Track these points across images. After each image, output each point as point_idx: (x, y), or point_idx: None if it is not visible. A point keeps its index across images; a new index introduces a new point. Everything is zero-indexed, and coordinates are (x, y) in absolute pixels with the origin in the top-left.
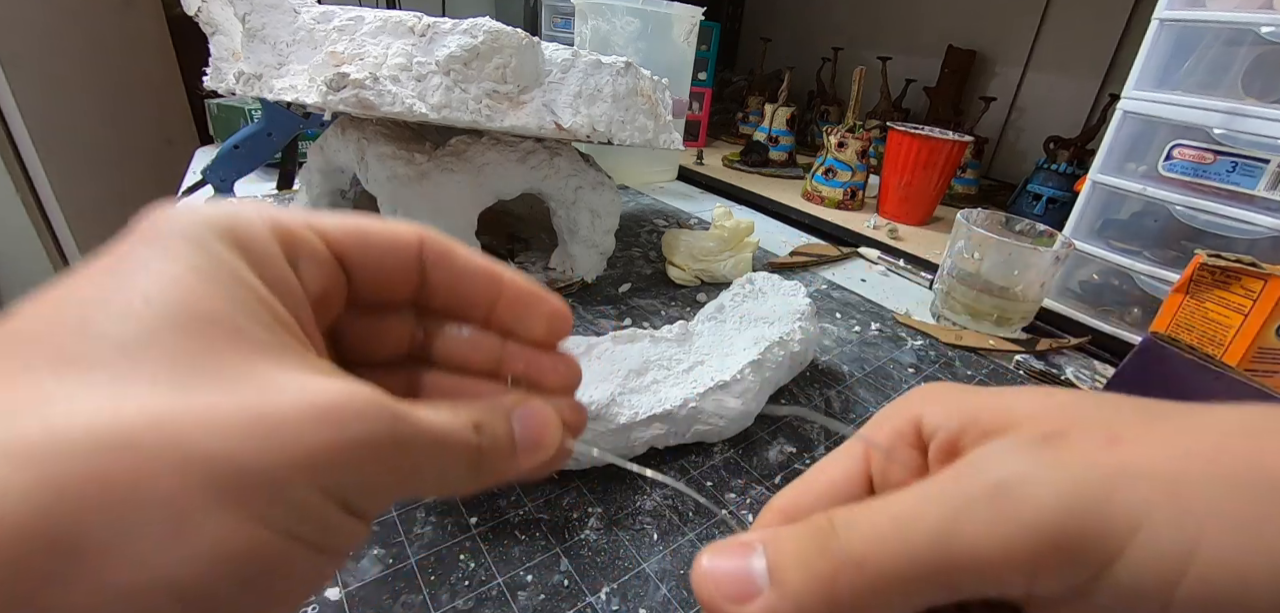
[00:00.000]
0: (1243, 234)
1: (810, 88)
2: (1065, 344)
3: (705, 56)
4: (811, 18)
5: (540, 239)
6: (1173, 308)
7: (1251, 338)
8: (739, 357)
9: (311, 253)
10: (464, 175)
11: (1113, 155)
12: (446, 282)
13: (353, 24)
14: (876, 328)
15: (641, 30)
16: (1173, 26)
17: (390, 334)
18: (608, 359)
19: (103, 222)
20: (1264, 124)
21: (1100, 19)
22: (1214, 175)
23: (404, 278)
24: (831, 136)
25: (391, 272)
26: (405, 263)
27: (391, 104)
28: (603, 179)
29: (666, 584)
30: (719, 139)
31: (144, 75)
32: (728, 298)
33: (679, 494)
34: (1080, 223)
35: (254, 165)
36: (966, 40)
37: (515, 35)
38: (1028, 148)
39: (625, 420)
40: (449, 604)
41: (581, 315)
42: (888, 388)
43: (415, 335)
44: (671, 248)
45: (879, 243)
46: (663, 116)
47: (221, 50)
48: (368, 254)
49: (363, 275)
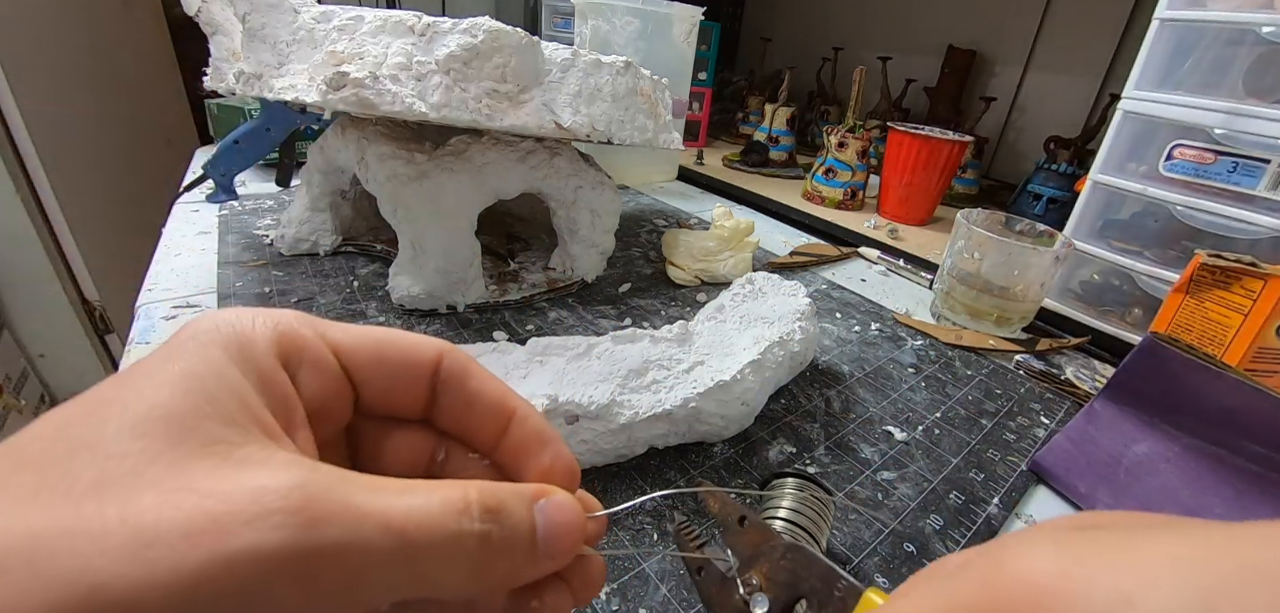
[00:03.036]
0: (1243, 234)
1: (810, 88)
2: (1065, 344)
3: (705, 56)
4: (811, 18)
5: (540, 239)
6: (1173, 308)
7: (1251, 338)
8: (739, 357)
9: (314, 361)
10: (464, 175)
11: (1113, 155)
12: (457, 405)
13: (352, 23)
14: (876, 328)
15: (641, 30)
16: (1173, 26)
17: (407, 449)
18: (608, 359)
19: (103, 222)
20: (1265, 124)
21: (1100, 19)
22: (1214, 175)
23: (414, 395)
24: (832, 136)
25: (402, 388)
26: (417, 381)
27: (391, 103)
28: (603, 179)
29: (666, 584)
30: (719, 139)
31: (144, 75)
32: (728, 298)
33: (679, 494)
34: (1080, 223)
35: (254, 160)
36: (966, 40)
37: (515, 35)
38: (1028, 148)
39: (625, 420)
40: None
41: (581, 315)
42: (888, 388)
43: (434, 455)
44: (671, 248)
45: (879, 243)
46: (663, 116)
47: (221, 50)
48: (378, 369)
49: (371, 388)
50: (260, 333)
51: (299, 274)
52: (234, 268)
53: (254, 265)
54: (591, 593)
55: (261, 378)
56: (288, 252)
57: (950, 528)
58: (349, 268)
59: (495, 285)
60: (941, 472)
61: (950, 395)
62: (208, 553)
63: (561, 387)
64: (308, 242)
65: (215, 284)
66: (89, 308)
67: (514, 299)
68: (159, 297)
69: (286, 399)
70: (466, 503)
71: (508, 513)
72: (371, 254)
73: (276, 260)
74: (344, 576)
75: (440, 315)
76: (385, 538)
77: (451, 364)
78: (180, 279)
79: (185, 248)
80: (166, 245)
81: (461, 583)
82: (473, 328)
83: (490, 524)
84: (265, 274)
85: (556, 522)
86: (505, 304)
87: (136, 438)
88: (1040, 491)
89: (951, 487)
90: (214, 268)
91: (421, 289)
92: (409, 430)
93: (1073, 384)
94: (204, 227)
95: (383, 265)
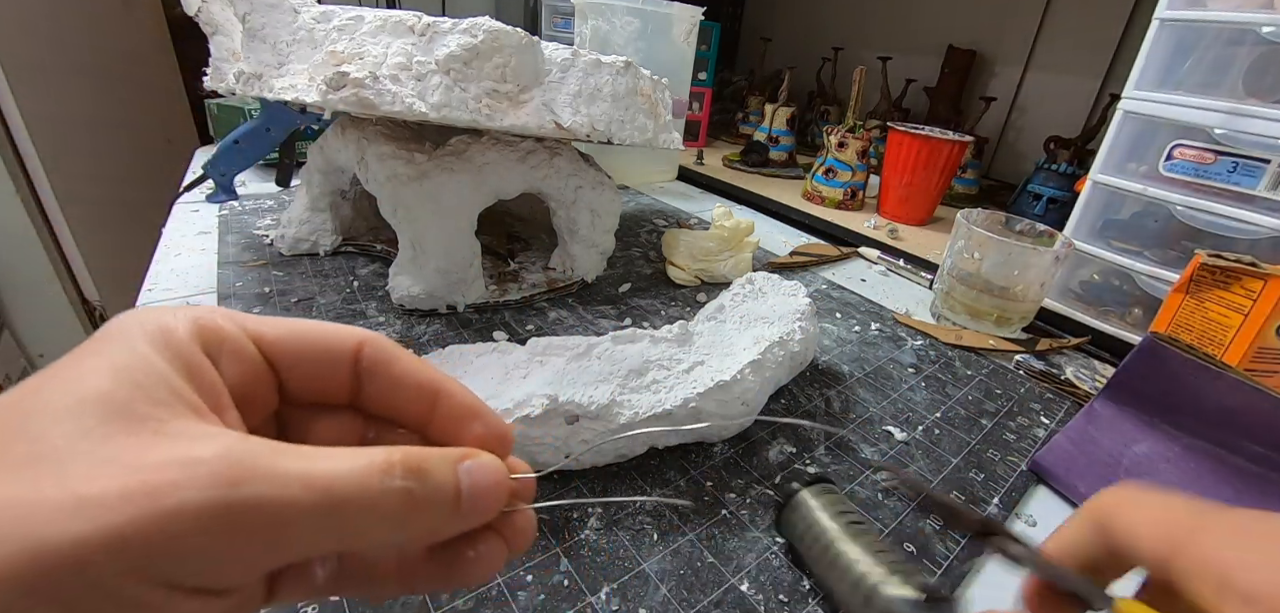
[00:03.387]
0: (1243, 234)
1: (810, 88)
2: (1065, 344)
3: (705, 56)
4: (811, 18)
5: (540, 239)
6: (1173, 308)
7: (1251, 338)
8: (739, 357)
9: (235, 350)
10: (464, 175)
11: (1113, 155)
12: (382, 389)
13: (352, 23)
14: (876, 328)
15: (641, 30)
16: (1173, 26)
17: (334, 432)
18: (608, 359)
19: (103, 222)
20: (1265, 124)
21: (1100, 19)
22: (1215, 175)
23: (337, 382)
24: (832, 136)
25: (324, 376)
26: (338, 368)
27: (391, 103)
28: (603, 179)
29: (666, 584)
30: (719, 139)
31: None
32: (728, 298)
33: (679, 494)
34: (1080, 223)
35: (254, 160)
36: (966, 40)
37: (515, 35)
38: (1028, 148)
39: (625, 420)
40: (449, 604)
41: (581, 315)
42: (887, 388)
43: (364, 436)
44: (671, 248)
45: (879, 243)
46: (662, 116)
47: (221, 50)
48: (299, 357)
49: (294, 376)
50: (181, 325)
51: (299, 274)
52: (234, 268)
53: (254, 265)
54: (523, 542)
55: (186, 365)
56: (288, 252)
57: (950, 528)
58: (349, 268)
59: (495, 285)
60: (941, 472)
61: (950, 395)
62: (140, 509)
63: (561, 387)
64: (308, 242)
65: (215, 284)
66: (89, 308)
67: (514, 299)
68: (159, 297)
69: (212, 384)
70: (390, 464)
71: (430, 472)
72: (371, 254)
73: (276, 260)
74: (269, 529)
75: (440, 316)
76: (308, 495)
77: (373, 351)
78: (180, 279)
79: (185, 248)
80: (166, 245)
81: (386, 536)
82: (473, 328)
83: (412, 482)
84: (265, 274)
85: (480, 481)
86: (505, 304)
87: (70, 419)
88: (1040, 491)
89: (951, 487)
90: (214, 268)
91: (421, 289)
92: (338, 415)
93: (1073, 384)
94: (204, 227)
95: (383, 265)
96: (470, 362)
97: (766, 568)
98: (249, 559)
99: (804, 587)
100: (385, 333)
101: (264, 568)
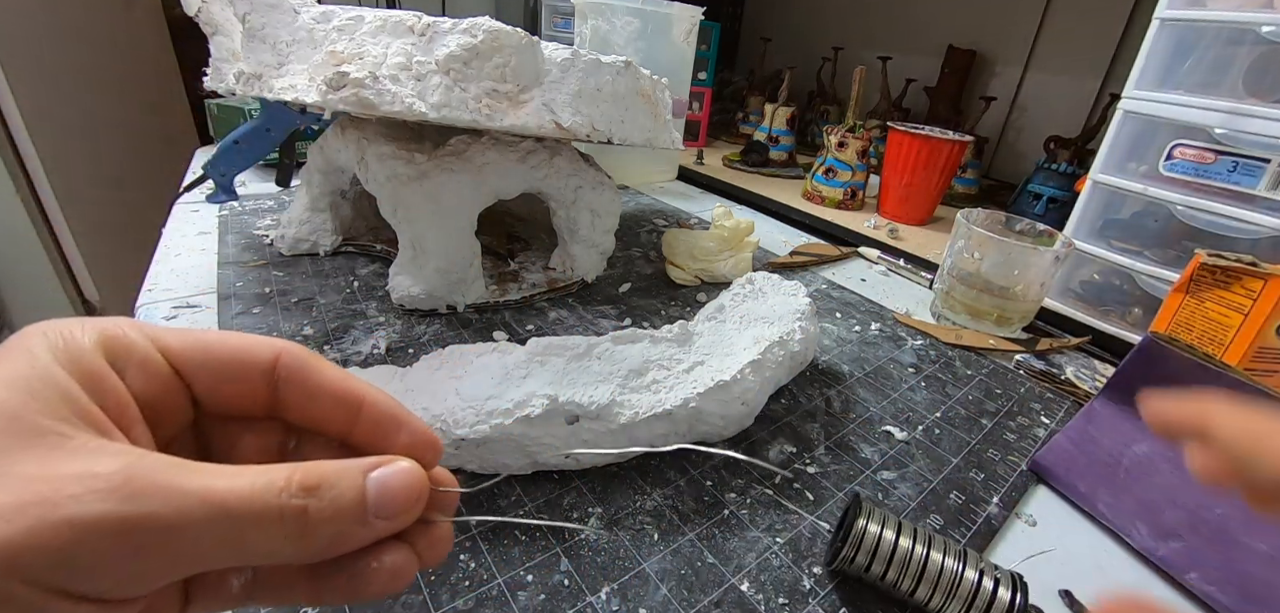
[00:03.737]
0: (1243, 234)
1: (810, 88)
2: (1065, 344)
3: (705, 56)
4: (811, 18)
5: (540, 239)
6: (1173, 308)
7: (1251, 338)
8: (739, 357)
9: (142, 362)
10: (464, 175)
11: (1113, 155)
12: (299, 400)
13: (352, 23)
14: (876, 328)
15: (641, 30)
16: (1173, 26)
17: (253, 444)
18: (608, 359)
19: (103, 222)
20: (1265, 124)
21: (1100, 19)
22: (1215, 175)
23: (252, 394)
24: (832, 136)
25: (237, 387)
26: (252, 380)
27: (391, 103)
28: (603, 179)
29: (666, 584)
30: (719, 139)
31: (144, 75)
32: (728, 298)
33: (679, 494)
34: (1081, 223)
35: (254, 160)
36: (966, 40)
37: (515, 35)
38: (1028, 148)
39: (625, 420)
40: (449, 604)
41: (581, 315)
42: (888, 388)
43: (284, 447)
44: (671, 248)
45: (879, 243)
46: (662, 116)
47: (221, 50)
48: (209, 369)
49: (205, 388)
50: (86, 336)
51: (299, 274)
52: (234, 268)
53: (254, 265)
54: (437, 555)
55: (89, 377)
56: (288, 252)
57: (950, 528)
58: (349, 268)
59: (495, 285)
60: (941, 472)
61: (950, 395)
62: (35, 520)
63: (561, 387)
64: (308, 242)
65: (215, 284)
66: (89, 308)
67: (514, 299)
68: (159, 297)
69: (118, 397)
70: (287, 481)
71: (329, 486)
72: (371, 254)
73: (276, 260)
74: (166, 543)
75: (440, 316)
76: (204, 510)
77: (290, 361)
78: (180, 279)
79: (185, 248)
80: (166, 246)
81: (284, 551)
82: (473, 328)
83: (308, 499)
84: (265, 274)
85: (391, 488)
86: (505, 304)
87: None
88: (1040, 490)
89: (951, 487)
90: (214, 268)
91: (421, 289)
92: (258, 427)
93: (1073, 384)
94: (204, 227)
95: (383, 265)
96: (470, 362)
97: (766, 568)
98: (146, 572)
99: (804, 587)
100: (385, 333)
101: (162, 580)
